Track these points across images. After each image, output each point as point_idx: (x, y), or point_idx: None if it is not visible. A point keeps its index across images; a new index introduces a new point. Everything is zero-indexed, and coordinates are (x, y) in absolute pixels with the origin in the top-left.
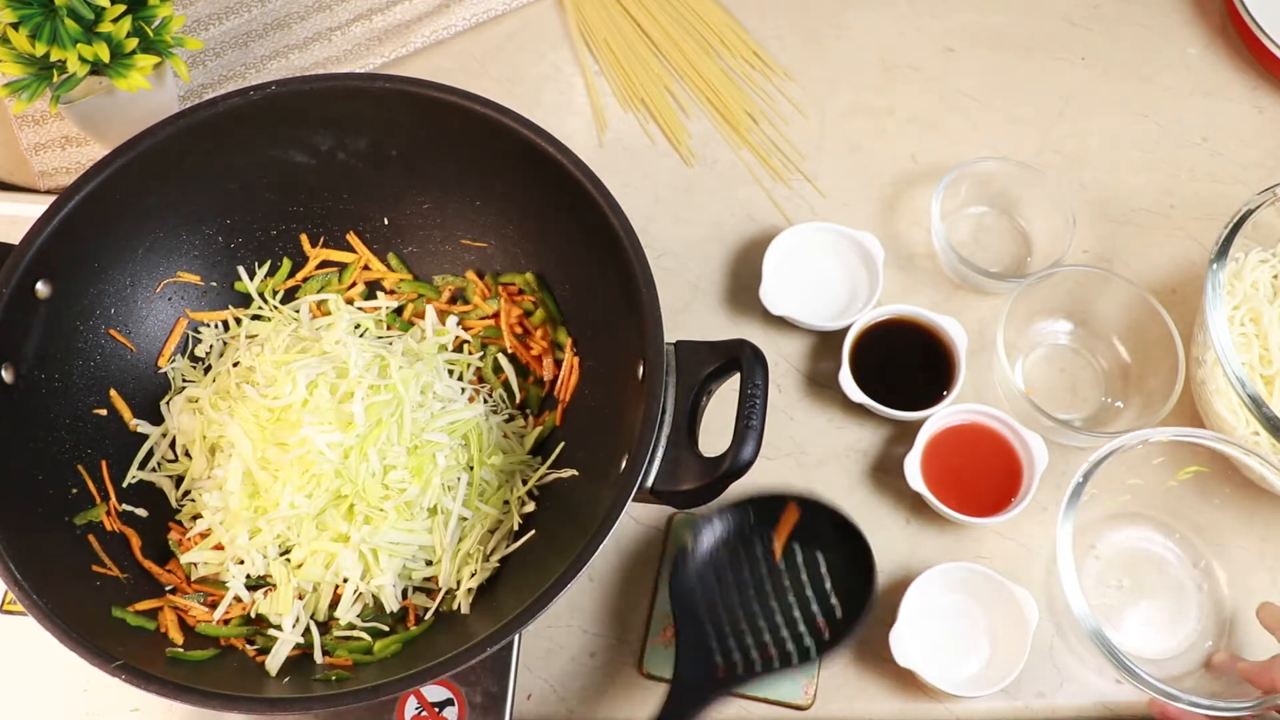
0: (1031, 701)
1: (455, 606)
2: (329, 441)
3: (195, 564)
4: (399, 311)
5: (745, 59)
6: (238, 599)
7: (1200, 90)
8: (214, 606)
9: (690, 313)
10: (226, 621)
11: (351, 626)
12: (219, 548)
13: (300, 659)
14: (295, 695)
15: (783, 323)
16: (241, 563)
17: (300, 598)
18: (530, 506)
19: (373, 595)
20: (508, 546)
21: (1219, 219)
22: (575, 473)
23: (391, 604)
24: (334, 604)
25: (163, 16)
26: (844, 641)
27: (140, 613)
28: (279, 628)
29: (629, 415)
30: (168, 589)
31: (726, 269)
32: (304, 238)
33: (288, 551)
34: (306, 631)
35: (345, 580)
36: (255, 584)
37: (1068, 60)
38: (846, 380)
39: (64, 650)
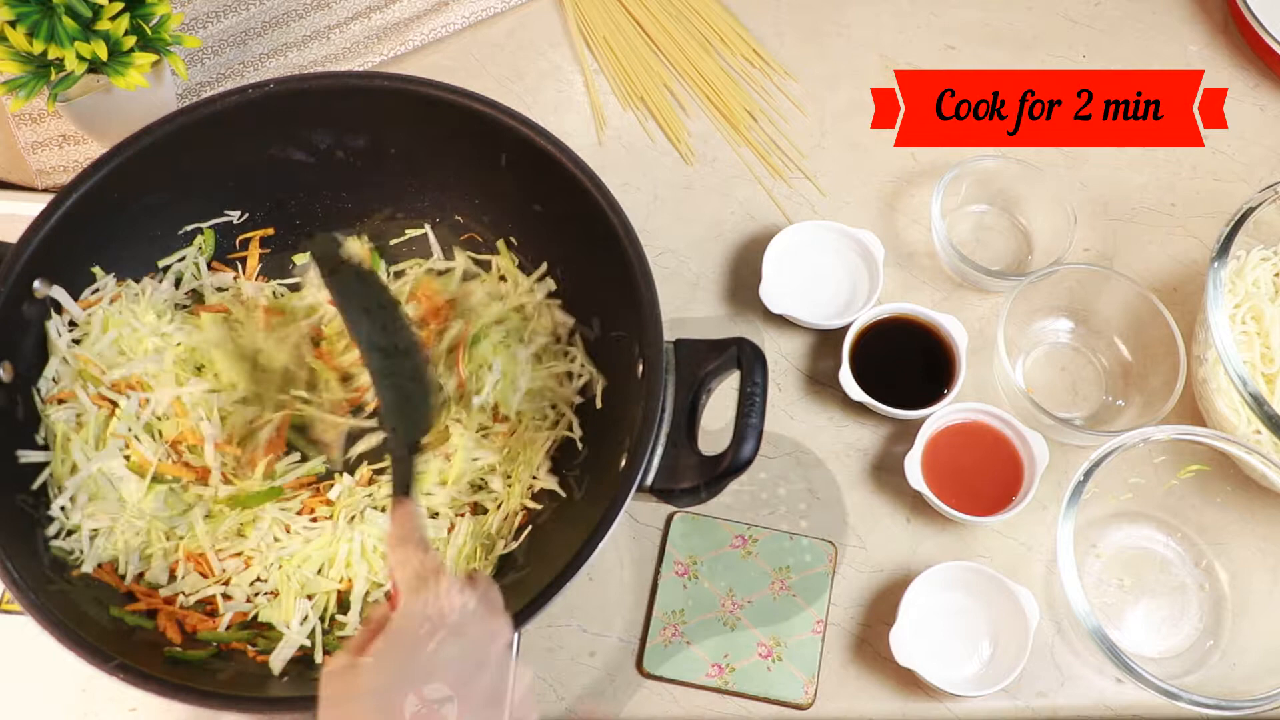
0: (1032, 701)
1: None
2: None
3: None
4: None
5: (745, 57)
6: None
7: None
8: (212, 615)
9: (690, 311)
10: (228, 627)
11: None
12: (201, 560)
13: (300, 658)
14: (295, 695)
15: (783, 321)
16: (230, 598)
17: (309, 597)
18: (532, 504)
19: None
20: (507, 546)
21: (1220, 217)
22: (563, 494)
23: None
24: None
25: (161, 14)
26: None
27: (138, 612)
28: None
29: (628, 413)
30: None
31: (726, 267)
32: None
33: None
34: (310, 631)
35: (351, 581)
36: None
37: (1069, 58)
38: (846, 379)
39: (62, 650)
